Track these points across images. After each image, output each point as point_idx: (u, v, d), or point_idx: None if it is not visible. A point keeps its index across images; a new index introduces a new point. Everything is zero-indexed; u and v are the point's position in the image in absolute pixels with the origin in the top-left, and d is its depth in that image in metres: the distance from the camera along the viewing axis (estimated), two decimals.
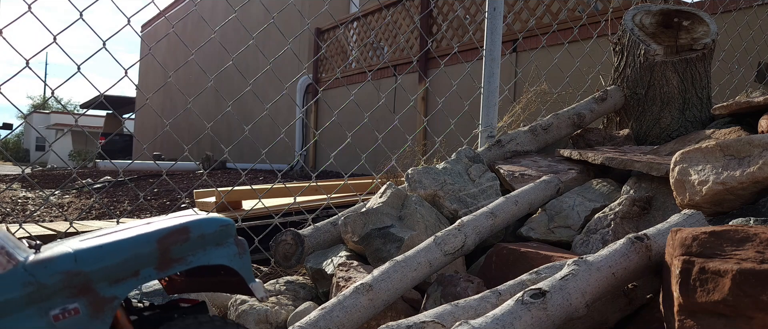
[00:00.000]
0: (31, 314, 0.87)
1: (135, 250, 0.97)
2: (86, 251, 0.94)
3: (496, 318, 1.34)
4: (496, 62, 3.06)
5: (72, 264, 0.92)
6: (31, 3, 2.21)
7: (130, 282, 0.96)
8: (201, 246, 1.03)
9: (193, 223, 1.02)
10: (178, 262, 1.01)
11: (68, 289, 0.90)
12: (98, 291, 0.92)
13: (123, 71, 2.44)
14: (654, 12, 3.10)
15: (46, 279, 0.89)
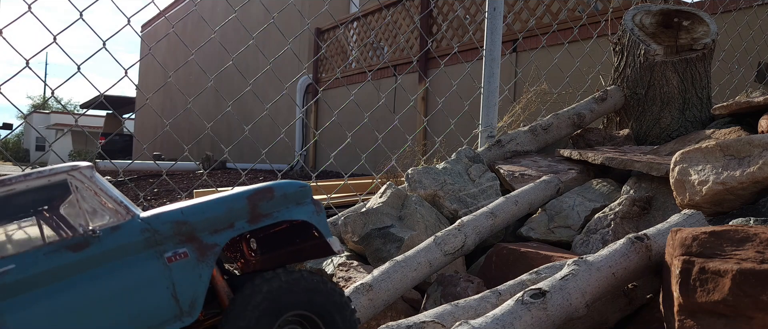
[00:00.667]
0: (149, 255, 1.02)
1: (230, 206, 1.13)
2: (190, 206, 1.10)
3: (496, 318, 1.34)
4: (496, 62, 3.06)
5: (179, 216, 1.08)
6: (31, 3, 2.21)
7: (226, 233, 1.11)
8: (284, 204, 1.17)
9: (276, 184, 1.18)
10: (265, 217, 1.15)
11: (177, 236, 1.06)
12: (202, 239, 1.08)
13: (123, 71, 2.44)
14: (654, 12, 3.10)
15: (160, 227, 1.05)
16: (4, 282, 0.90)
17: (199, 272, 1.06)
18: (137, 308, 1.00)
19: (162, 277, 1.03)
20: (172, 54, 16.12)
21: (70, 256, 0.96)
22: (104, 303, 0.97)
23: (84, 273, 0.97)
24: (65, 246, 0.96)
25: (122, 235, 1.02)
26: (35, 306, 0.92)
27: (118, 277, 0.99)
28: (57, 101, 31.00)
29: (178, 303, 1.03)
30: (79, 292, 0.95)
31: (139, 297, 1.00)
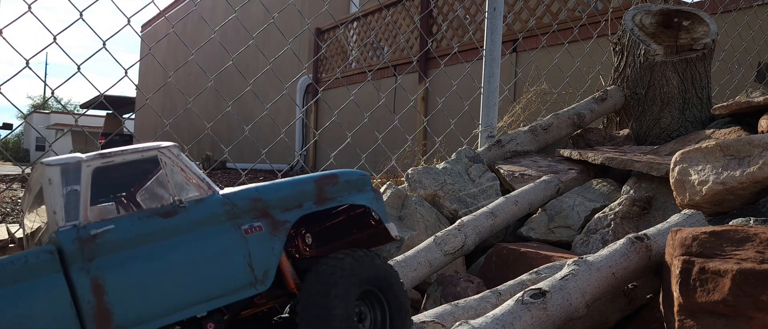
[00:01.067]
0: (229, 227, 1.12)
1: (300, 187, 1.23)
2: (265, 185, 1.21)
3: (496, 318, 1.34)
4: (496, 62, 3.06)
5: (255, 193, 1.19)
6: (31, 3, 2.21)
7: (296, 211, 1.21)
8: (347, 190, 1.27)
9: (341, 171, 1.29)
10: (330, 200, 1.24)
11: (253, 211, 1.16)
12: (274, 216, 1.17)
13: (123, 71, 2.44)
14: (654, 12, 3.10)
15: (238, 202, 1.15)
16: (104, 240, 1.00)
17: (272, 245, 1.15)
18: (218, 273, 1.09)
19: (239, 247, 1.12)
20: (172, 54, 16.11)
21: (160, 222, 1.07)
22: (189, 266, 1.06)
23: (172, 238, 1.06)
24: (157, 213, 1.07)
25: (205, 207, 1.12)
26: (129, 264, 1.01)
27: (201, 244, 1.09)
28: (57, 101, 31.00)
29: (253, 271, 1.12)
30: (167, 255, 1.05)
31: (219, 263, 1.09)
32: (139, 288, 1.01)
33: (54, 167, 1.03)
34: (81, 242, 0.99)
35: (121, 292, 1.00)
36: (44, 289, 0.94)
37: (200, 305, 1.07)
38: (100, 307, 0.97)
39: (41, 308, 0.93)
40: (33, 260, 0.94)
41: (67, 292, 0.95)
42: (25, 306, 0.93)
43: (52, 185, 1.01)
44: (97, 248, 1.00)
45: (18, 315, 0.91)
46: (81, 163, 1.04)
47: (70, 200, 1.01)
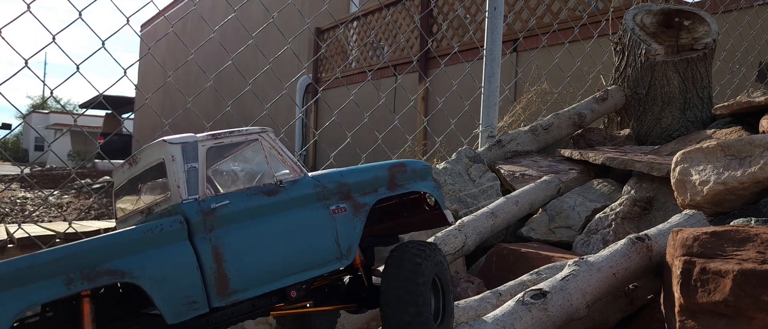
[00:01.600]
0: (319, 207, 1.23)
1: (375, 174, 1.34)
2: (347, 171, 1.33)
3: (496, 319, 1.34)
4: (496, 62, 3.05)
5: (340, 177, 1.30)
6: (30, 3, 2.21)
7: (372, 196, 1.32)
8: (413, 178, 1.39)
9: (407, 161, 1.42)
10: (399, 186, 1.36)
11: (338, 194, 1.27)
12: (356, 199, 1.28)
13: (122, 71, 2.44)
14: (655, 12, 3.10)
15: (327, 184, 1.26)
16: (221, 214, 1.11)
17: (354, 224, 1.27)
18: (311, 246, 1.20)
19: (329, 225, 1.23)
20: (171, 54, 16.11)
21: (265, 200, 1.18)
22: (289, 240, 1.17)
23: (275, 214, 1.17)
24: (262, 192, 1.18)
25: (300, 188, 1.23)
26: (242, 236, 1.12)
27: (298, 221, 1.20)
28: (56, 101, 30.99)
29: (339, 247, 1.23)
30: (271, 229, 1.16)
31: (312, 238, 1.21)
32: (250, 258, 1.12)
33: (176, 146, 1.13)
34: (204, 215, 1.10)
35: (236, 260, 1.10)
36: (177, 253, 1.05)
37: (297, 275, 1.18)
38: (220, 273, 1.08)
39: (176, 268, 1.05)
40: (167, 228, 1.06)
41: (194, 258, 1.06)
42: (167, 265, 1.04)
43: (175, 162, 1.12)
44: (216, 220, 1.11)
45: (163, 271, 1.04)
46: (198, 142, 1.15)
47: (191, 176, 1.12)
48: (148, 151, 1.19)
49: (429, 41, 3.93)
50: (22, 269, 0.93)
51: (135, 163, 1.24)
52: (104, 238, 1.03)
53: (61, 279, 0.95)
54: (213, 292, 1.07)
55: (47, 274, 0.94)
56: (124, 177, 1.29)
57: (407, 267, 1.25)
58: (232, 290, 1.09)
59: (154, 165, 1.17)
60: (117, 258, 1.01)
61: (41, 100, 40.39)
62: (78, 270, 0.96)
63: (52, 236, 2.85)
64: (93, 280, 0.97)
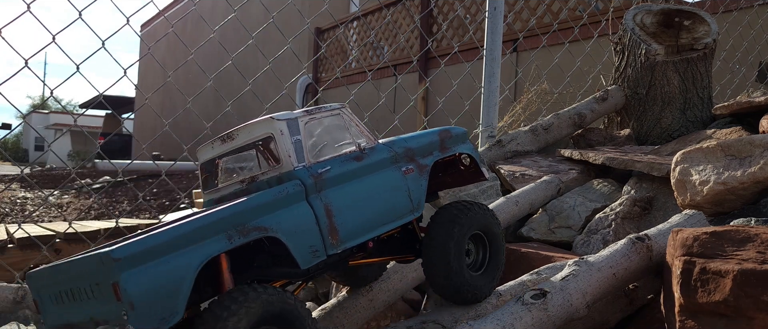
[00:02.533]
0: (394, 168, 1.43)
1: (431, 139, 1.55)
2: (409, 137, 1.52)
3: (496, 319, 1.33)
4: (496, 62, 3.05)
5: (406, 143, 1.49)
6: (30, 3, 2.20)
7: (430, 158, 1.52)
8: (456, 142, 1.60)
9: (451, 127, 1.62)
10: (448, 149, 1.57)
11: (406, 157, 1.46)
12: (419, 161, 1.49)
13: (122, 71, 2.43)
14: (655, 12, 3.10)
15: (397, 149, 1.46)
16: (327, 176, 1.30)
17: (420, 182, 1.47)
18: (392, 202, 1.40)
19: (403, 184, 1.43)
20: (171, 54, 16.10)
21: (355, 164, 1.37)
22: (377, 197, 1.37)
23: (363, 176, 1.36)
24: (352, 158, 1.37)
25: (378, 153, 1.42)
26: (343, 195, 1.31)
27: (381, 181, 1.39)
28: (56, 101, 30.98)
29: (411, 202, 1.44)
30: (363, 189, 1.35)
31: (393, 195, 1.41)
32: (350, 213, 1.31)
33: (282, 122, 1.30)
34: (314, 178, 1.28)
35: (342, 216, 1.30)
36: (301, 211, 1.24)
37: (384, 226, 1.38)
38: (331, 226, 1.27)
39: (302, 223, 1.24)
40: (291, 190, 1.24)
41: (313, 214, 1.25)
42: (295, 221, 1.23)
43: (284, 136, 1.29)
44: (323, 183, 1.29)
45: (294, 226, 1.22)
46: (298, 119, 1.33)
47: (298, 147, 1.30)
48: (251, 128, 1.35)
49: (429, 41, 3.93)
50: (197, 229, 1.10)
51: (231, 139, 1.39)
52: (247, 202, 1.19)
53: (223, 235, 1.12)
54: (328, 242, 1.27)
55: (214, 232, 1.12)
56: (215, 152, 1.44)
57: (445, 223, 1.46)
58: (341, 240, 1.29)
59: (256, 139, 1.35)
60: (260, 217, 1.18)
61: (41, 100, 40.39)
62: (234, 228, 1.14)
63: (52, 237, 2.85)
64: (246, 236, 1.15)
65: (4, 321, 1.86)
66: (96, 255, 1.03)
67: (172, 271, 1.05)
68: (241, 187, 1.37)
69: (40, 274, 1.19)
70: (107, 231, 3.00)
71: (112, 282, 1.00)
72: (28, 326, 1.85)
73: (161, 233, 1.07)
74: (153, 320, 1.02)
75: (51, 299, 1.17)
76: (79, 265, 1.09)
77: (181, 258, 1.06)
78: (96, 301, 1.05)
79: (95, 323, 1.07)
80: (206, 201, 1.46)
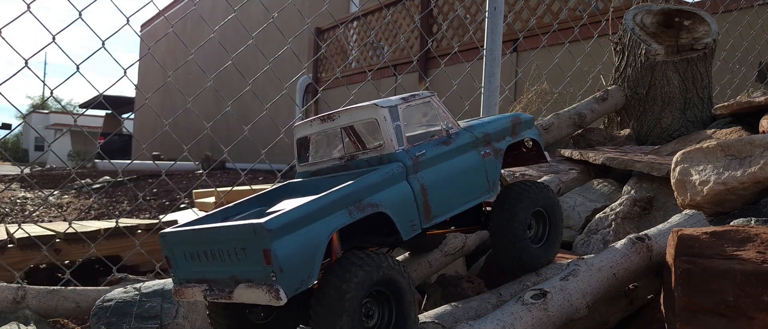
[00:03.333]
0: (474, 152, 1.56)
1: (504, 124, 1.68)
2: (486, 123, 1.66)
3: (496, 319, 1.33)
4: (496, 62, 3.05)
5: (483, 129, 1.62)
6: (30, 3, 2.20)
7: (503, 142, 1.65)
8: (524, 128, 1.73)
9: (519, 114, 1.76)
10: (517, 134, 1.71)
11: (484, 142, 1.60)
12: (494, 145, 1.62)
13: (122, 71, 2.43)
14: (655, 12, 3.09)
15: (477, 134, 1.59)
16: (423, 159, 1.44)
17: (496, 165, 1.60)
18: (473, 183, 1.54)
19: (482, 166, 1.57)
20: (171, 54, 16.10)
21: (444, 148, 1.50)
22: (462, 177, 1.51)
23: (451, 159, 1.50)
24: (441, 142, 1.51)
25: (461, 138, 1.55)
26: (435, 176, 1.45)
27: (465, 163, 1.53)
28: (56, 101, 30.98)
29: (488, 182, 1.57)
30: (451, 170, 1.49)
31: (473, 176, 1.54)
32: (440, 192, 1.45)
33: (385, 109, 1.43)
34: (413, 160, 1.42)
35: (433, 194, 1.43)
36: (403, 190, 1.39)
37: (465, 204, 1.52)
38: (426, 203, 1.41)
39: (404, 200, 1.38)
40: (396, 171, 1.39)
41: (411, 193, 1.40)
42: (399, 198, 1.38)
43: (387, 121, 1.42)
44: (419, 164, 1.43)
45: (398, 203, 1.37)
46: (398, 106, 1.46)
47: (398, 132, 1.43)
48: (354, 112, 1.49)
49: (429, 41, 3.92)
50: (326, 205, 1.24)
51: (331, 120, 1.53)
52: (362, 182, 1.33)
53: (345, 211, 1.27)
54: (422, 217, 1.41)
55: (338, 208, 1.26)
56: (313, 130, 1.58)
57: (512, 200, 1.60)
58: (432, 216, 1.43)
59: (359, 122, 1.50)
60: (372, 195, 1.33)
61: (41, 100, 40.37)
62: (353, 204, 1.28)
63: (52, 236, 2.85)
64: (362, 211, 1.30)
65: (4, 321, 1.86)
66: (249, 224, 1.17)
67: (310, 241, 1.20)
68: (339, 163, 1.53)
69: (177, 235, 1.35)
70: (107, 231, 3.00)
71: (264, 249, 1.15)
72: (28, 326, 1.85)
73: (299, 208, 1.22)
74: (295, 282, 1.17)
75: (185, 256, 1.33)
76: (227, 232, 1.23)
77: (316, 229, 1.22)
78: (240, 263, 1.21)
79: (235, 281, 1.22)
80: (300, 173, 1.62)
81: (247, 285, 1.19)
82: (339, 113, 1.51)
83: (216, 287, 1.27)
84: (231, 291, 1.22)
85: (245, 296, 1.20)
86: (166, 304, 1.76)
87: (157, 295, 1.78)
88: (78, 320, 2.20)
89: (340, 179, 1.45)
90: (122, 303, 1.76)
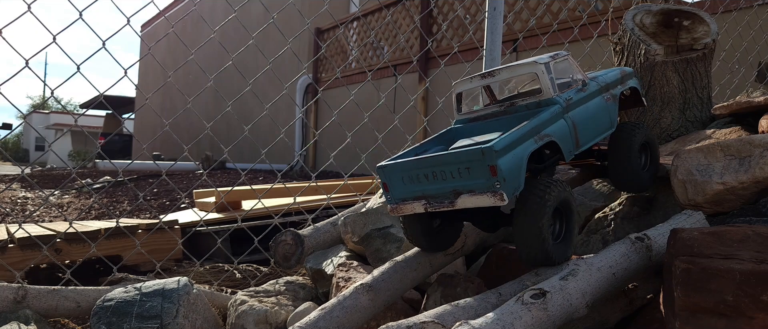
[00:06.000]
0: (600, 98, 1.87)
1: (616, 76, 1.98)
2: (605, 74, 1.96)
3: (496, 319, 1.34)
4: (496, 62, 3.05)
5: (604, 79, 1.92)
6: (30, 3, 2.21)
7: (617, 89, 1.96)
8: (629, 78, 2.05)
9: (625, 68, 2.07)
10: (624, 84, 2.01)
11: (605, 89, 1.90)
12: (612, 92, 1.93)
13: (122, 71, 2.44)
14: (654, 12, 3.10)
15: (600, 84, 1.89)
16: (571, 103, 1.75)
17: (614, 108, 1.92)
18: (602, 121, 1.86)
19: (606, 109, 1.88)
20: (171, 54, 16.11)
21: (582, 94, 1.80)
22: (594, 117, 1.82)
23: (587, 102, 1.81)
24: (578, 89, 1.80)
25: (591, 86, 1.85)
26: (578, 115, 1.76)
27: (595, 106, 1.83)
28: (56, 101, 31.00)
29: (610, 122, 1.90)
30: (588, 111, 1.80)
31: (602, 116, 1.86)
32: (583, 127, 1.76)
33: (542, 65, 1.73)
34: (566, 103, 1.73)
35: (579, 129, 1.75)
36: (564, 125, 1.71)
37: (599, 136, 1.84)
38: (575, 136, 1.73)
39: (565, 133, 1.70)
40: (557, 111, 1.69)
41: (567, 127, 1.71)
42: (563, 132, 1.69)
43: (544, 74, 1.72)
44: (570, 106, 1.74)
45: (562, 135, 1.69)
46: (550, 63, 1.76)
47: (553, 82, 1.73)
48: (515, 68, 1.78)
49: (429, 41, 3.93)
50: (524, 133, 1.56)
51: (491, 76, 1.82)
52: (538, 119, 1.62)
53: (533, 139, 1.58)
54: (573, 147, 1.73)
55: (528, 137, 1.57)
56: (471, 85, 1.88)
57: (627, 138, 1.92)
58: (579, 145, 1.75)
59: (520, 76, 1.81)
60: (545, 128, 1.63)
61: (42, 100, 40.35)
62: (536, 135, 1.60)
63: (52, 236, 2.86)
64: (542, 140, 1.61)
65: (4, 320, 1.86)
66: (477, 148, 1.48)
67: (518, 159, 1.52)
68: (499, 109, 1.82)
69: (397, 165, 1.64)
70: (108, 231, 3.00)
71: (490, 165, 1.47)
72: (28, 326, 1.85)
73: (509, 135, 1.53)
74: (512, 188, 1.50)
75: (403, 180, 1.63)
76: (454, 156, 1.53)
77: (520, 151, 1.54)
78: (462, 179, 1.53)
79: (456, 193, 1.55)
80: (458, 120, 1.92)
81: (471, 194, 1.52)
82: (500, 70, 1.81)
83: (435, 200, 1.58)
84: (452, 201, 1.55)
85: (470, 202, 1.53)
86: (167, 304, 1.76)
87: (157, 295, 1.78)
88: (78, 320, 2.20)
89: (501, 121, 1.79)
90: (123, 303, 1.76)
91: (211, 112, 13.05)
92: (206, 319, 1.89)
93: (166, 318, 1.73)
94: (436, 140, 1.88)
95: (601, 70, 2.06)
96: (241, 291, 2.12)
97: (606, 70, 2.04)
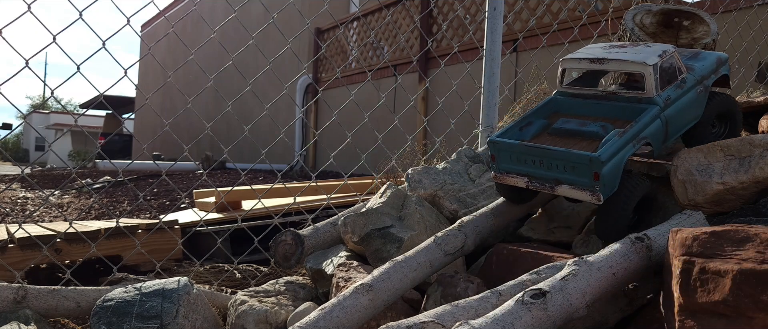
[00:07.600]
0: (694, 90, 1.95)
1: (713, 66, 2.06)
2: (702, 65, 2.02)
3: (496, 319, 1.34)
4: (496, 62, 3.05)
5: (701, 72, 1.99)
6: (30, 3, 2.21)
7: (710, 79, 2.04)
8: (721, 65, 2.09)
9: (721, 54, 2.13)
10: (717, 73, 2.07)
11: (699, 81, 1.98)
12: (705, 83, 2.01)
13: (122, 71, 2.44)
14: (654, 12, 3.10)
15: (696, 76, 1.98)
16: (669, 102, 1.86)
17: (704, 99, 2.01)
18: (693, 112, 1.97)
19: (696, 101, 1.97)
20: (171, 54, 16.11)
21: (679, 91, 1.89)
22: (684, 111, 1.92)
23: (683, 97, 1.91)
24: (677, 86, 1.89)
25: (689, 79, 1.94)
26: (671, 111, 1.87)
27: (688, 100, 1.93)
28: (56, 101, 30.99)
29: (697, 114, 1.99)
30: (680, 106, 1.90)
31: (693, 108, 1.96)
32: (674, 122, 1.88)
33: (651, 66, 1.83)
34: (665, 101, 1.84)
35: (671, 125, 1.87)
36: (659, 123, 1.83)
37: (684, 128, 1.95)
38: (666, 132, 1.85)
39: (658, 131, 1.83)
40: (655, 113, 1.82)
41: (661, 126, 1.83)
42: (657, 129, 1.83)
43: (650, 75, 1.82)
44: (667, 104, 1.84)
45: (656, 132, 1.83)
46: (658, 64, 1.84)
47: (657, 82, 1.83)
48: (625, 64, 1.88)
49: (429, 41, 3.93)
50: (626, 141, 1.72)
51: (599, 63, 1.92)
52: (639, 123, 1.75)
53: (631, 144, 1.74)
54: (662, 142, 1.86)
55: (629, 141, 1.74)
56: (578, 66, 1.98)
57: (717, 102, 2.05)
58: (667, 140, 1.87)
59: (627, 72, 1.96)
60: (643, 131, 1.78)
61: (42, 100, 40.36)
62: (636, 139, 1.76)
63: (52, 236, 2.86)
64: (639, 143, 1.77)
65: (4, 320, 1.86)
66: (586, 155, 1.65)
67: (617, 165, 1.69)
68: (601, 93, 1.94)
69: (509, 145, 1.83)
70: (108, 231, 3.00)
71: (595, 172, 1.65)
72: (28, 326, 1.85)
73: (613, 144, 1.67)
74: (609, 190, 1.69)
75: (511, 158, 1.84)
76: (564, 155, 1.70)
77: (620, 158, 1.69)
78: (566, 173, 1.72)
79: (557, 181, 1.75)
80: (560, 92, 2.03)
81: (571, 187, 1.72)
82: (610, 60, 1.90)
83: (537, 181, 1.80)
84: (552, 187, 1.76)
85: (569, 193, 1.73)
86: (167, 304, 1.76)
87: (157, 295, 1.78)
88: (78, 320, 2.20)
89: (602, 106, 1.92)
90: (123, 303, 1.76)
91: (211, 112, 13.05)
92: (206, 319, 1.89)
93: (166, 318, 1.73)
94: (538, 113, 1.99)
95: (698, 56, 2.13)
96: (241, 291, 2.12)
97: (703, 55, 2.11)
